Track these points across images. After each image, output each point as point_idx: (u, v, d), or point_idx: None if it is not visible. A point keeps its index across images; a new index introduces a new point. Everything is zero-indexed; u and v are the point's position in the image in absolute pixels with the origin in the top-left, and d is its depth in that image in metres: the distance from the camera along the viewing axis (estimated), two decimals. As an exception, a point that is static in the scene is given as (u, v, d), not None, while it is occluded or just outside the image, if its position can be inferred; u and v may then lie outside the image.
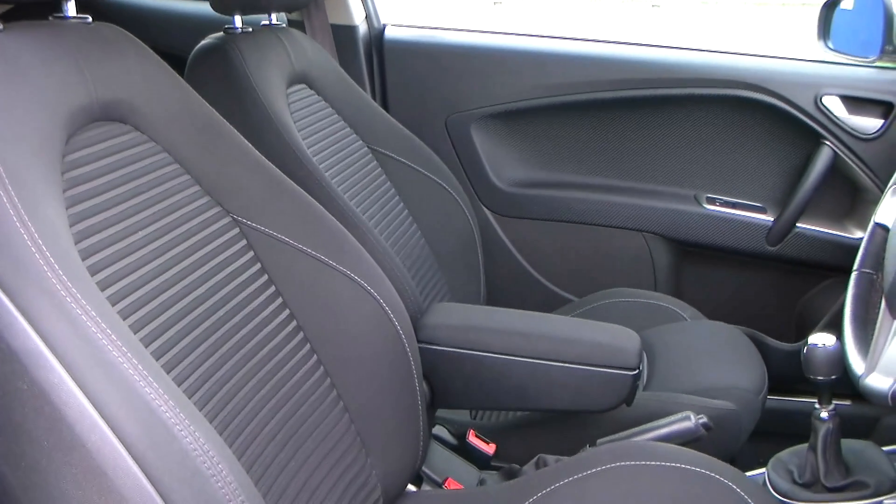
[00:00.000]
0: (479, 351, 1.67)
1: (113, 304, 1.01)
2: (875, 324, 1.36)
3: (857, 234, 2.33)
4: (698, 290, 2.52)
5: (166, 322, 1.11)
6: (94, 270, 1.03)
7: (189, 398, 0.99)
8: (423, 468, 1.63)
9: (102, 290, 1.01)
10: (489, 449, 1.78)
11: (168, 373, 1.05)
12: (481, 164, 2.54)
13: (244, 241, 1.32)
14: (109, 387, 0.87)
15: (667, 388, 1.88)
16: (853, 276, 1.49)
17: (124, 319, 1.02)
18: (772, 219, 2.40)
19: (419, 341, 1.54)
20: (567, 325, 1.83)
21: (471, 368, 1.67)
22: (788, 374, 2.16)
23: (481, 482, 1.70)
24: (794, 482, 1.47)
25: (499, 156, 2.56)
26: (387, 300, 1.40)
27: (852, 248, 1.57)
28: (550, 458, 1.59)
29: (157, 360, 1.03)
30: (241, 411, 1.17)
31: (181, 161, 1.28)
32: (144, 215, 1.17)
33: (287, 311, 1.34)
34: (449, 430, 1.81)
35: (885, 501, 1.42)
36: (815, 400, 1.44)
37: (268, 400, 1.23)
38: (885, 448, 1.55)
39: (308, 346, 1.34)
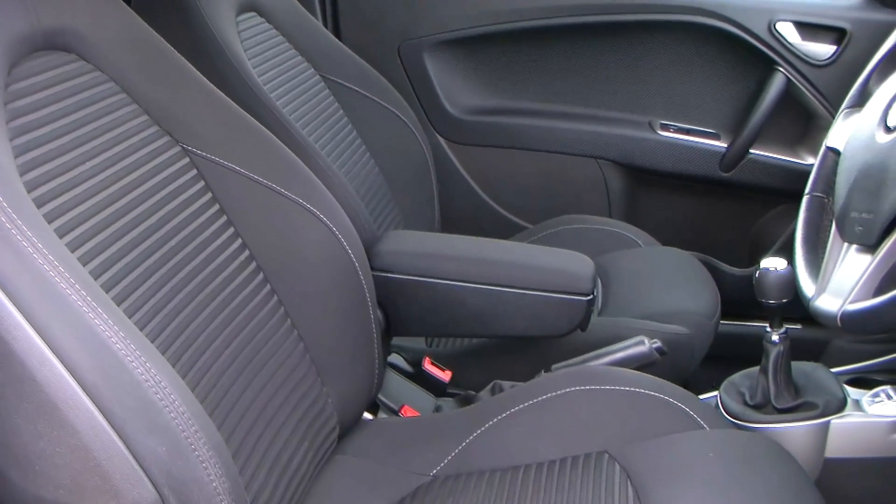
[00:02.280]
0: (434, 278, 1.67)
1: (61, 237, 1.00)
2: (826, 247, 1.38)
3: (810, 160, 2.34)
4: (652, 216, 2.53)
5: (116, 254, 1.09)
6: (40, 203, 1.01)
7: (141, 330, 0.98)
8: (379, 396, 1.64)
9: (50, 222, 0.99)
10: (445, 376, 1.79)
11: (119, 305, 1.03)
12: (435, 91, 2.52)
13: (194, 171, 1.30)
14: (58, 320, 0.85)
15: (621, 313, 1.89)
16: (804, 199, 1.50)
17: (73, 252, 1.00)
18: (725, 145, 2.41)
19: (373, 269, 1.53)
20: (521, 251, 1.83)
21: (425, 296, 1.67)
22: (741, 298, 2.18)
23: (437, 409, 1.71)
24: (746, 404, 1.49)
25: (452, 83, 2.54)
26: (340, 228, 1.39)
27: (805, 173, 1.58)
28: (506, 384, 1.60)
29: (107, 292, 1.01)
30: (195, 342, 1.16)
31: (129, 90, 1.26)
32: (91, 146, 1.15)
33: (239, 241, 1.32)
34: (405, 358, 1.82)
35: (833, 421, 1.45)
36: (767, 324, 1.46)
37: (221, 330, 1.22)
38: (833, 369, 1.57)
39: (261, 275, 1.33)
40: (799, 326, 2.20)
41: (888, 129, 1.32)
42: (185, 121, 1.30)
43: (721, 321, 1.96)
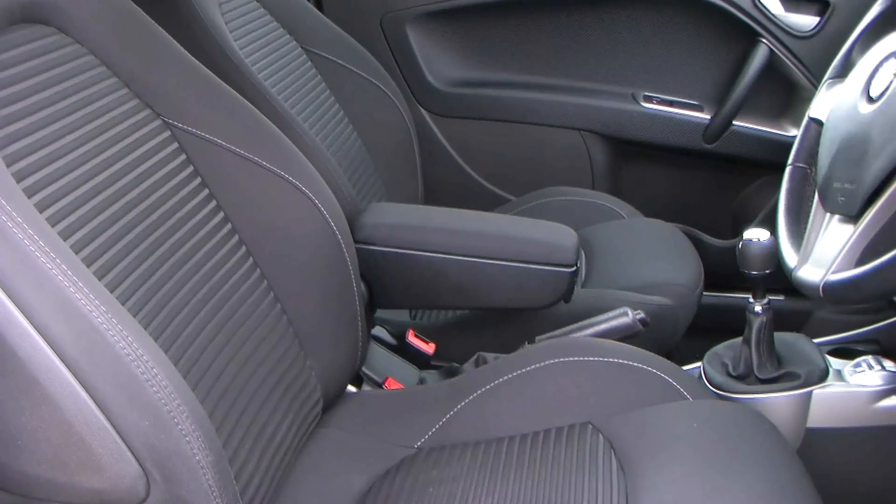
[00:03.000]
0: (417, 250, 1.67)
1: (41, 211, 0.99)
2: (808, 217, 1.38)
3: (793, 131, 2.34)
4: (636, 187, 2.53)
5: (97, 228, 1.09)
6: (20, 178, 1.00)
7: (123, 305, 0.98)
8: (363, 369, 1.63)
9: (30, 197, 0.99)
10: (428, 348, 1.79)
11: (100, 279, 1.03)
12: (417, 63, 2.51)
13: (176, 145, 1.29)
14: (39, 294, 0.85)
15: (604, 284, 1.90)
16: (787, 170, 1.50)
17: (53, 226, 1.00)
18: (709, 117, 2.41)
19: (356, 242, 1.53)
20: (504, 222, 1.83)
21: (408, 268, 1.67)
22: (724, 270, 2.19)
23: (421, 381, 1.72)
24: (729, 375, 1.50)
25: (435, 55, 2.52)
26: (322, 201, 1.38)
27: (788, 145, 1.58)
28: (489, 355, 1.61)
29: (88, 266, 1.01)
30: (177, 316, 1.16)
31: (109, 63, 1.25)
32: (71, 119, 1.14)
33: (221, 215, 1.32)
34: (388, 331, 1.81)
35: (815, 391, 1.45)
36: (750, 295, 1.46)
37: (204, 304, 1.22)
38: (816, 340, 1.58)
39: (244, 249, 1.33)
40: (782, 297, 2.21)
41: (871, 100, 1.32)
42: (166, 94, 1.30)
43: (704, 292, 1.96)
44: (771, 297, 1.46)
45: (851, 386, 1.45)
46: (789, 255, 1.37)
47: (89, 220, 1.08)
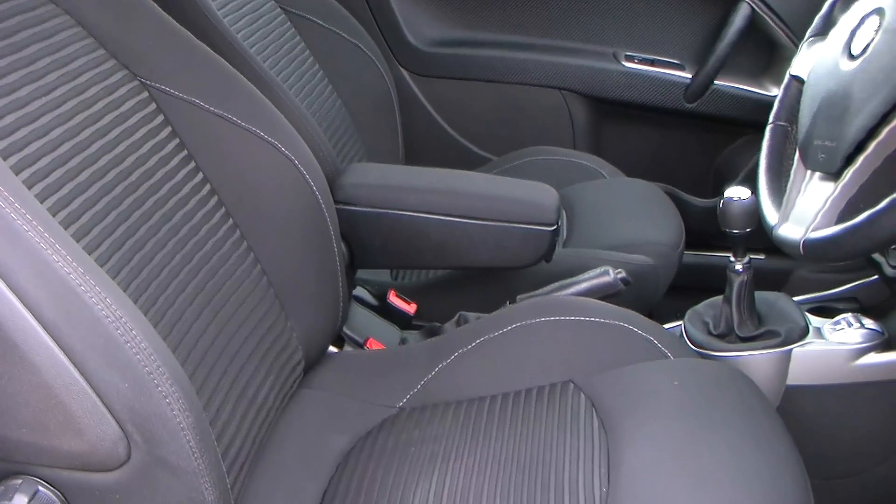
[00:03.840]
0: (397, 210, 1.66)
1: (17, 174, 0.98)
2: (789, 175, 1.38)
3: (774, 90, 2.34)
4: (617, 147, 2.53)
5: (74, 190, 1.08)
6: None
7: (101, 266, 0.97)
8: (345, 329, 1.63)
9: (5, 159, 0.98)
10: (410, 308, 1.79)
11: (78, 242, 1.02)
12: (397, 23, 2.49)
13: (153, 105, 1.28)
14: (16, 257, 0.84)
15: (586, 244, 1.90)
16: (768, 128, 1.50)
17: (30, 189, 0.99)
18: (690, 76, 2.40)
19: (336, 202, 1.52)
20: (485, 182, 1.82)
21: (389, 228, 1.66)
22: (705, 229, 2.20)
23: (403, 341, 1.72)
24: (710, 333, 1.50)
25: (415, 14, 2.51)
26: (301, 161, 1.37)
27: (769, 104, 1.57)
28: (471, 315, 1.61)
29: (66, 229, 1.00)
30: (156, 278, 1.15)
31: (83, 23, 1.23)
32: (46, 81, 1.12)
33: (200, 175, 1.31)
34: (369, 291, 1.81)
35: (795, 349, 1.46)
36: (731, 254, 1.46)
37: (183, 266, 1.21)
38: (796, 298, 1.58)
39: (223, 210, 1.32)
40: (762, 257, 2.22)
41: (852, 57, 1.32)
42: (142, 54, 1.28)
43: (685, 252, 1.97)
44: (751, 257, 1.46)
45: (831, 344, 1.46)
46: (770, 213, 1.37)
47: (66, 183, 1.07)
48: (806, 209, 1.28)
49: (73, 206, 1.06)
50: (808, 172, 1.32)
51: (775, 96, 1.56)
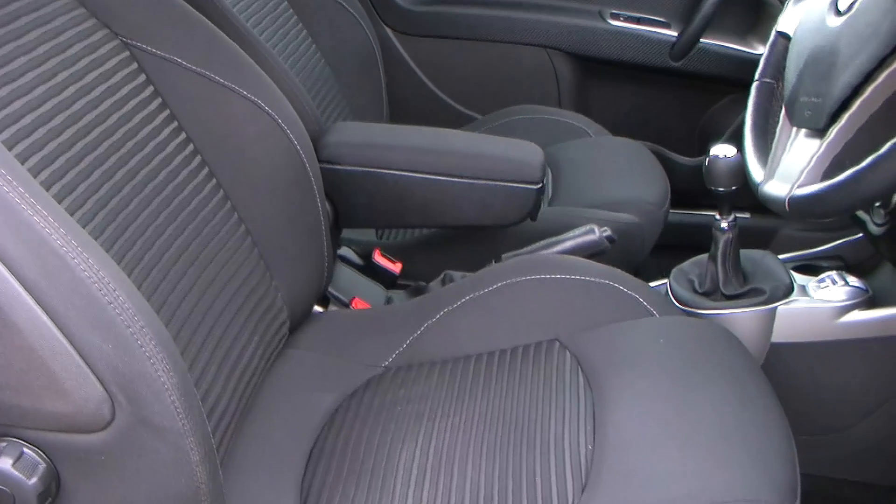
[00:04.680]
0: (381, 169, 1.66)
1: None
2: (775, 132, 1.38)
3: (760, 49, 2.33)
4: (602, 105, 2.53)
5: (55, 151, 1.06)
6: None
7: (83, 227, 0.96)
8: (330, 289, 1.63)
9: None
10: (395, 268, 1.79)
11: (60, 203, 1.01)
12: (382, -20, 2.48)
13: (135, 65, 1.27)
14: (-4, 217, 0.83)
15: (571, 202, 1.90)
16: (754, 85, 1.50)
17: (10, 149, 0.98)
18: (676, 34, 2.40)
19: (320, 161, 1.51)
20: (469, 140, 1.82)
21: (373, 187, 1.66)
22: (690, 188, 2.20)
23: (388, 301, 1.72)
24: (695, 291, 1.51)
25: (400, -28, 2.49)
26: (285, 120, 1.36)
27: (755, 62, 1.57)
28: (456, 274, 1.61)
29: (47, 189, 0.99)
30: (140, 239, 1.14)
31: None
32: (25, 40, 1.11)
33: (183, 135, 1.30)
34: (354, 251, 1.81)
35: (780, 306, 1.46)
36: (716, 212, 1.46)
37: (167, 226, 1.20)
38: (781, 256, 1.59)
39: (206, 169, 1.31)
40: (748, 216, 2.22)
41: (839, 13, 1.31)
42: (122, 13, 1.27)
43: (671, 210, 1.97)
44: (737, 215, 1.46)
45: (815, 301, 1.47)
46: (755, 171, 1.37)
47: (47, 143, 1.06)
48: (791, 166, 1.28)
49: (54, 167, 1.05)
50: (794, 129, 1.32)
51: (761, 54, 1.56)
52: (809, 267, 1.60)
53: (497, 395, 1.26)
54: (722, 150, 1.41)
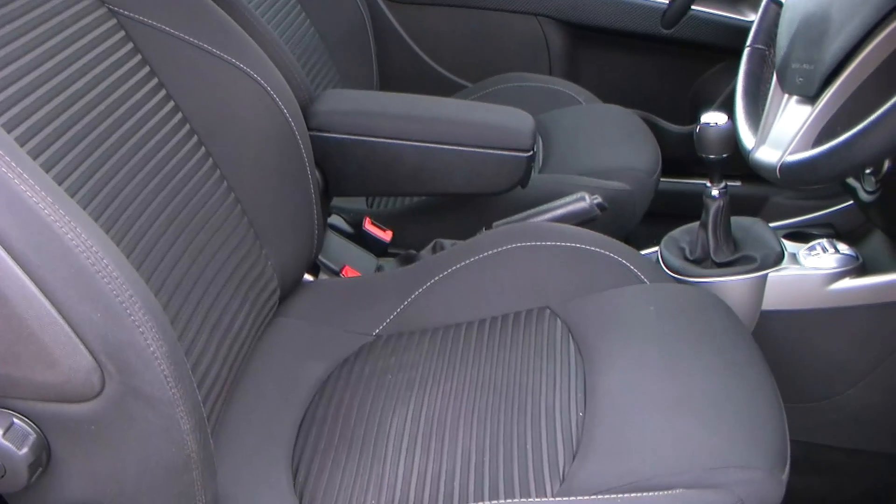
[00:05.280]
0: (371, 136, 1.65)
1: None
2: (766, 99, 1.37)
3: (751, 16, 2.32)
4: (593, 73, 2.52)
5: (42, 120, 1.06)
6: None
7: (71, 196, 0.95)
8: (320, 257, 1.63)
9: None
10: (385, 236, 1.79)
11: (47, 172, 1.00)
12: (371, -53, 2.45)
13: (122, 33, 1.26)
14: (-17, 189, 0.83)
15: (562, 170, 1.89)
16: (746, 52, 1.49)
17: None
18: (667, 1, 2.38)
19: (310, 129, 1.51)
20: (459, 107, 1.81)
21: (363, 155, 1.65)
22: (681, 156, 2.19)
23: (379, 269, 1.71)
24: (686, 259, 1.51)
25: (389, -63, 2.47)
26: (274, 87, 1.35)
27: (746, 30, 1.56)
28: (447, 242, 1.60)
29: (34, 159, 0.99)
30: (128, 207, 1.14)
31: None
32: (9, 9, 1.10)
33: (171, 104, 1.29)
34: (345, 219, 1.81)
35: (770, 274, 1.47)
36: (707, 180, 1.46)
37: (155, 195, 1.20)
38: (771, 224, 1.59)
39: (195, 138, 1.30)
40: (738, 183, 2.22)
41: (830, -21, 1.31)
42: None
43: (661, 178, 1.97)
44: (728, 183, 1.46)
45: (806, 269, 1.47)
46: (747, 137, 1.37)
47: (33, 113, 1.05)
48: (783, 133, 1.28)
49: (42, 137, 1.04)
50: (786, 96, 1.32)
51: (753, 21, 1.55)
52: (800, 234, 1.60)
53: (488, 363, 1.26)
54: (713, 118, 1.41)
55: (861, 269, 1.47)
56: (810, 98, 1.26)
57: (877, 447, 1.60)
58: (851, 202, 1.71)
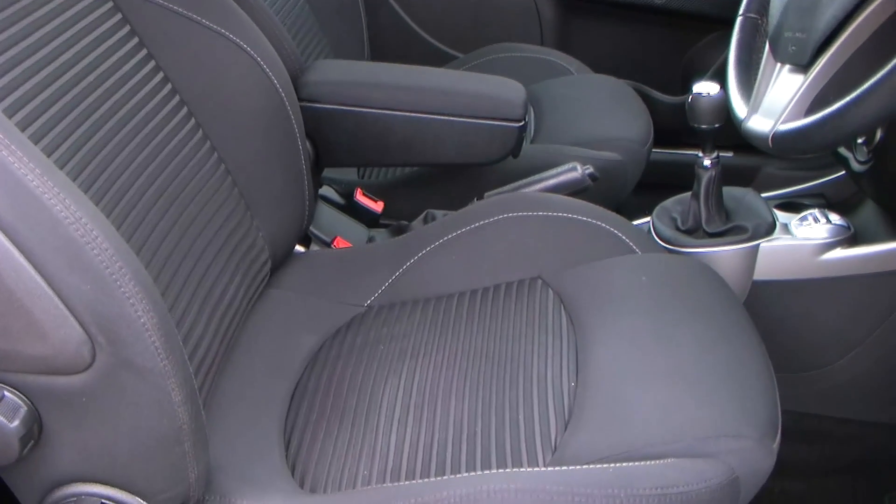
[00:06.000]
0: (362, 107, 1.65)
1: None
2: (759, 68, 1.37)
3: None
4: (585, 44, 2.51)
5: (30, 91, 1.05)
6: None
7: (60, 169, 0.95)
8: (311, 228, 1.63)
9: None
10: (377, 207, 1.79)
11: (36, 144, 1.00)
12: (362, -85, 2.43)
13: (110, 4, 1.25)
14: (-31, 160, 0.82)
15: (553, 140, 1.89)
16: (738, 21, 1.49)
17: None
18: (659, -30, 2.37)
19: (300, 100, 1.50)
20: (451, 77, 1.80)
21: (354, 125, 1.65)
22: (673, 126, 2.19)
23: (370, 240, 1.71)
24: (678, 229, 1.51)
25: None
26: (264, 58, 1.35)
27: (738, 0, 1.56)
28: (438, 212, 1.60)
29: (22, 131, 0.98)
30: (118, 179, 1.13)
31: None
32: None
33: (161, 75, 1.28)
34: (336, 190, 1.80)
35: (762, 244, 1.47)
36: (699, 151, 1.46)
37: (146, 166, 1.19)
38: (763, 194, 1.59)
39: (185, 109, 1.30)
40: (731, 154, 2.22)
41: (823, -54, 1.30)
42: None
43: (654, 149, 1.96)
44: (720, 154, 1.46)
45: (797, 239, 1.47)
46: (739, 107, 1.37)
47: (21, 84, 1.04)
48: (775, 102, 1.27)
49: (30, 108, 1.04)
50: (778, 65, 1.31)
51: (746, -9, 1.54)
52: (792, 205, 1.60)
53: (480, 333, 1.26)
54: (705, 87, 1.41)
55: (852, 239, 1.48)
56: (803, 67, 1.26)
57: (867, 416, 1.60)
58: (843, 172, 1.71)
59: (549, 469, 1.02)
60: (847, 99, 1.12)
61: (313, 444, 1.14)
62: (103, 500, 0.94)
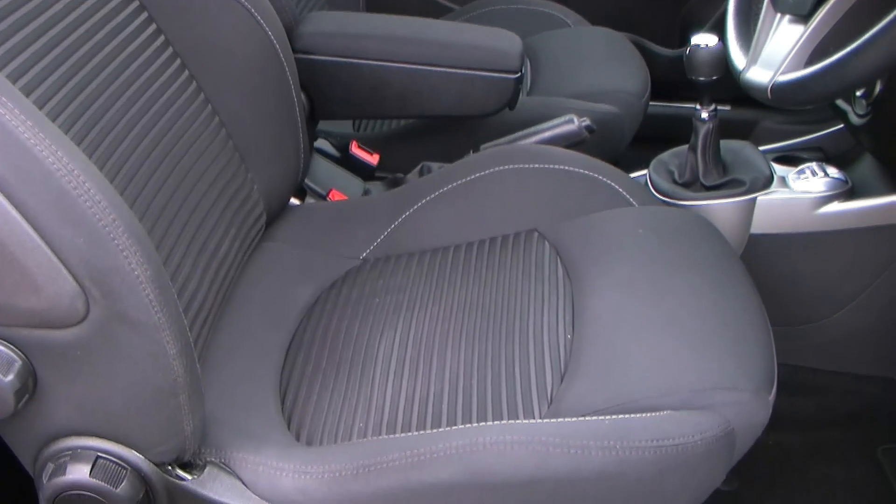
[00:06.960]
0: (357, 58, 1.63)
1: None
2: (758, 19, 1.36)
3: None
4: (582, -5, 2.49)
5: (20, 43, 1.03)
6: None
7: (52, 121, 0.94)
8: (307, 181, 1.62)
9: None
10: (372, 159, 1.78)
11: (27, 96, 0.99)
12: None
13: None
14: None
15: (550, 92, 1.88)
16: (737, -29, 1.47)
17: None
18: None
19: (295, 52, 1.49)
20: (447, 29, 1.79)
21: (349, 77, 1.64)
22: (671, 79, 2.17)
23: (366, 192, 1.71)
24: (675, 182, 1.50)
25: None
26: (258, 9, 1.33)
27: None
28: (434, 165, 1.60)
29: (14, 83, 0.97)
30: (111, 132, 1.12)
31: None
32: None
33: (154, 27, 1.27)
34: (331, 143, 1.79)
35: (759, 197, 1.46)
36: (697, 104, 1.45)
37: (139, 118, 1.18)
38: (761, 147, 1.58)
39: (178, 61, 1.28)
40: (728, 108, 2.21)
41: None
42: None
43: (651, 102, 1.95)
44: (718, 107, 1.45)
45: (795, 192, 1.47)
46: (738, 57, 1.36)
47: (11, 36, 1.03)
48: (775, 52, 1.27)
49: (20, 60, 1.02)
50: (778, 15, 1.30)
51: (745, -60, 1.53)
52: (789, 158, 1.60)
53: (476, 286, 1.26)
54: (703, 39, 1.40)
55: (850, 193, 1.47)
56: (803, 17, 1.25)
57: (863, 370, 1.61)
58: (841, 126, 1.70)
59: (546, 421, 1.02)
60: (847, 50, 1.11)
61: (309, 397, 1.14)
62: (99, 454, 0.94)
